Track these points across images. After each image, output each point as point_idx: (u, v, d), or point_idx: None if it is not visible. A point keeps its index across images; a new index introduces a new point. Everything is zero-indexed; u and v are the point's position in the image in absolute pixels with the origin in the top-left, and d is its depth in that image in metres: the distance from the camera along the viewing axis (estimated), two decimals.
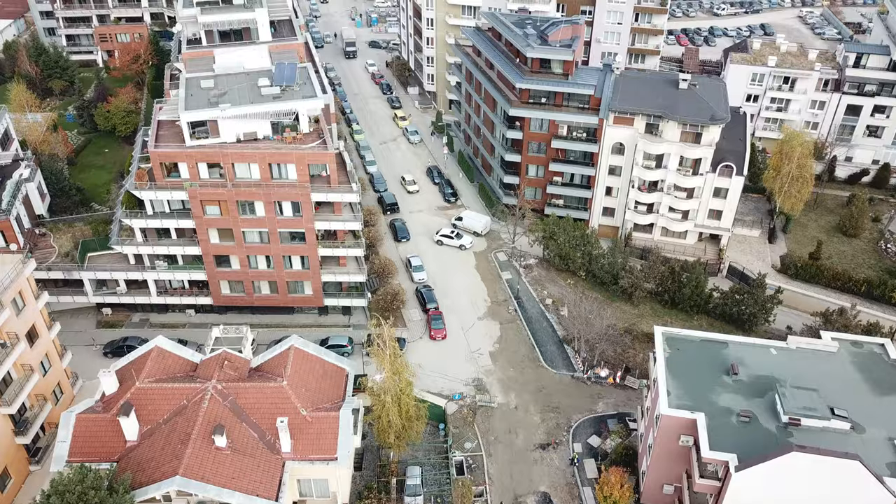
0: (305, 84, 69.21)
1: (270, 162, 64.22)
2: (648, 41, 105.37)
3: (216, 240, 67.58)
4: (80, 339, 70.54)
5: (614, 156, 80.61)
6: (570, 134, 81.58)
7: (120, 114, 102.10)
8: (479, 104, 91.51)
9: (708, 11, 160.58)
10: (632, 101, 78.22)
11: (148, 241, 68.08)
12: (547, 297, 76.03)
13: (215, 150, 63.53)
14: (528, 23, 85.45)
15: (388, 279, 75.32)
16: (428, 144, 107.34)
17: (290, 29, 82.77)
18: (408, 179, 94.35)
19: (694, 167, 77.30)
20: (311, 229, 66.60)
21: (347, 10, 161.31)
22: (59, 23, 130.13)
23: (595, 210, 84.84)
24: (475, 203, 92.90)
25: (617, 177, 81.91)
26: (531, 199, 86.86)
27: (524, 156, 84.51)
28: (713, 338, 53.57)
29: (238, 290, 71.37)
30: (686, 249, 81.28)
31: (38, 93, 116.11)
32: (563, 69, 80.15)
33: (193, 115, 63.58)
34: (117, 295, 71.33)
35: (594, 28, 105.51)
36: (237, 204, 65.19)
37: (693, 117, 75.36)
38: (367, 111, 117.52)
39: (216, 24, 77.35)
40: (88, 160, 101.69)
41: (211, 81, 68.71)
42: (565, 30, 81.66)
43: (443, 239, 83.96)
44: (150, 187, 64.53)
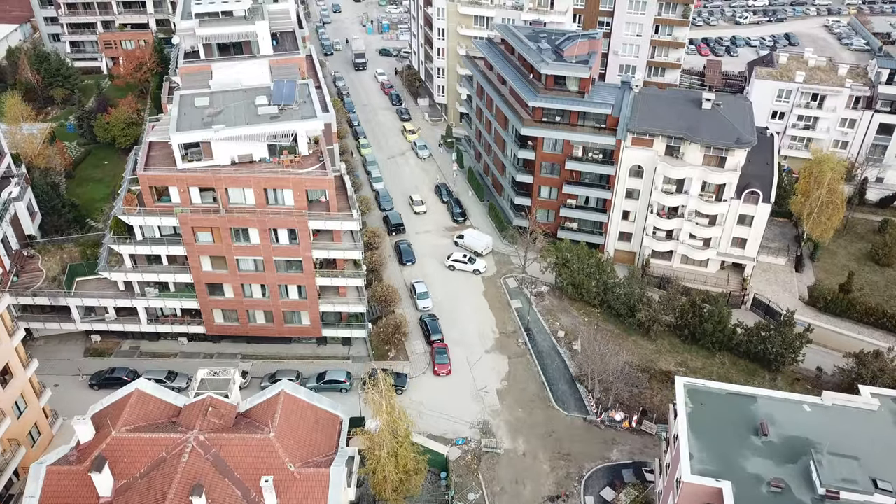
0: (305, 103, 65.39)
1: (266, 187, 60.48)
2: (669, 54, 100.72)
3: (208, 267, 63.97)
4: (66, 368, 67.24)
5: (632, 179, 76.18)
6: (585, 155, 77.25)
7: (119, 125, 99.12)
8: (490, 120, 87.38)
9: (730, 20, 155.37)
10: (651, 122, 73.79)
11: (137, 268, 64.56)
12: (559, 329, 71.74)
13: (207, 175, 59.88)
14: (543, 36, 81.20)
15: (391, 307, 71.32)
16: (437, 159, 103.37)
17: (293, 41, 79.05)
18: (415, 199, 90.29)
19: (717, 193, 72.72)
20: (309, 258, 62.79)
21: (359, 16, 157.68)
22: (63, 29, 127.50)
23: (611, 235, 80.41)
24: (485, 224, 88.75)
25: (634, 200, 77.45)
26: (543, 221, 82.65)
27: (536, 177, 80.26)
28: (740, 391, 49.02)
29: (232, 319, 67.72)
30: (707, 279, 76.65)
31: (39, 101, 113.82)
32: (579, 87, 75.84)
33: (185, 137, 59.98)
34: (106, 322, 67.87)
35: (612, 40, 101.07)
36: (230, 231, 61.54)
37: (717, 140, 70.83)
38: (376, 123, 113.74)
39: (215, 38, 73.81)
40: (87, 173, 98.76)
41: (206, 99, 65.10)
42: (582, 45, 77.31)
43: (455, 264, 79.87)
44: (139, 212, 60.95)
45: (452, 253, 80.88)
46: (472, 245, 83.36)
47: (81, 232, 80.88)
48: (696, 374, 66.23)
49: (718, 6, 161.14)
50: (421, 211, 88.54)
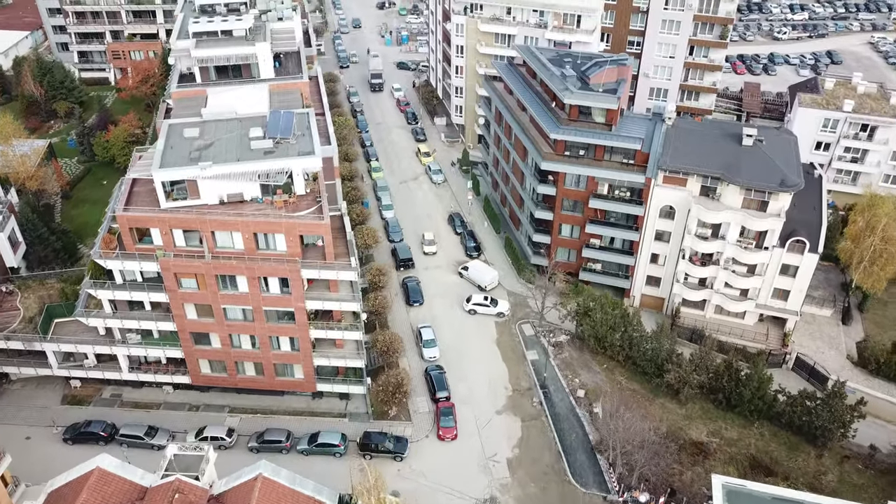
0: (304, 136, 59.58)
1: (256, 231, 54.73)
2: (704, 77, 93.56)
3: (193, 315, 58.42)
4: (41, 417, 62.15)
5: (662, 220, 69.32)
6: (611, 193, 70.54)
7: (119, 144, 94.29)
8: (508, 149, 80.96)
9: (767, 35, 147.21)
10: (685, 158, 66.91)
11: (117, 314, 59.18)
12: (578, 387, 65.10)
13: (192, 217, 54.25)
14: (568, 61, 74.61)
15: (394, 357, 65.21)
16: (452, 185, 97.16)
17: (297, 63, 73.37)
18: (427, 238, 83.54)
19: (758, 240, 65.62)
20: (302, 308, 56.93)
21: (378, 26, 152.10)
22: (71, 38, 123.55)
23: (637, 279, 73.58)
24: (501, 259, 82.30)
25: (665, 244, 70.56)
26: (564, 261, 76.07)
27: (557, 214, 73.68)
28: (789, 497, 42.05)
29: (219, 369, 62.13)
30: (744, 332, 69.50)
31: (41, 115, 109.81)
32: (606, 118, 69.17)
33: (168, 175, 54.48)
34: (85, 369, 62.65)
35: (642, 61, 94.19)
36: (216, 278, 55.89)
37: (759, 181, 63.78)
38: (389, 142, 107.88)
39: (212, 60, 68.39)
40: (84, 194, 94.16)
41: (196, 130, 59.57)
42: (610, 72, 70.61)
43: (477, 308, 73.61)
44: (118, 255, 55.53)
45: (472, 296, 74.48)
46: (476, 279, 77.59)
47: (70, 262, 76.27)
48: (731, 446, 59.42)
49: (755, 20, 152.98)
50: (431, 252, 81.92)
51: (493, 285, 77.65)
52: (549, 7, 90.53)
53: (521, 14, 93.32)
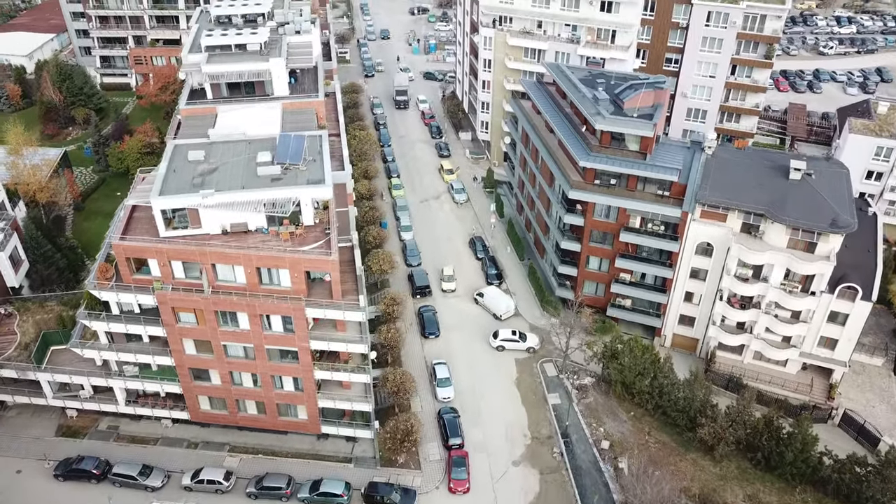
0: (315, 161, 55.82)
1: (259, 266, 50.99)
2: (746, 98, 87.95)
3: (192, 351, 54.97)
4: (34, 449, 59.21)
5: (699, 257, 64.23)
6: (644, 226, 65.62)
7: (134, 155, 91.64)
8: (535, 173, 76.39)
9: (812, 49, 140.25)
10: (726, 192, 61.78)
11: (114, 345, 55.94)
12: (603, 437, 60.30)
13: (191, 249, 50.70)
14: (601, 82, 69.78)
15: (405, 398, 61.06)
16: (475, 205, 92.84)
17: (313, 80, 69.68)
18: (446, 273, 77.77)
19: (804, 284, 60.24)
20: (306, 348, 53.08)
21: (405, 34, 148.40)
22: (94, 42, 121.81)
23: (670, 318, 68.53)
24: (523, 289, 77.75)
25: (701, 282, 65.44)
26: (591, 295, 71.32)
27: (585, 245, 68.93)
28: None
29: (219, 406, 58.62)
30: (786, 381, 64.08)
31: (59, 121, 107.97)
32: (641, 146, 64.29)
33: (167, 202, 51.05)
34: (80, 400, 59.61)
35: (680, 79, 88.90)
36: (216, 313, 52.30)
37: (807, 220, 58.43)
38: (412, 158, 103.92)
39: (223, 76, 64.95)
40: (97, 205, 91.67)
41: (201, 152, 56.12)
42: (646, 95, 65.68)
43: (505, 344, 69.26)
44: (113, 287, 52.23)
45: (499, 331, 70.02)
46: (491, 306, 73.69)
47: (75, 281, 73.51)
48: None
49: (799, 33, 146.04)
50: (450, 289, 76.74)
51: (508, 314, 73.49)
52: (582, 21, 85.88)
53: (552, 28, 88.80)
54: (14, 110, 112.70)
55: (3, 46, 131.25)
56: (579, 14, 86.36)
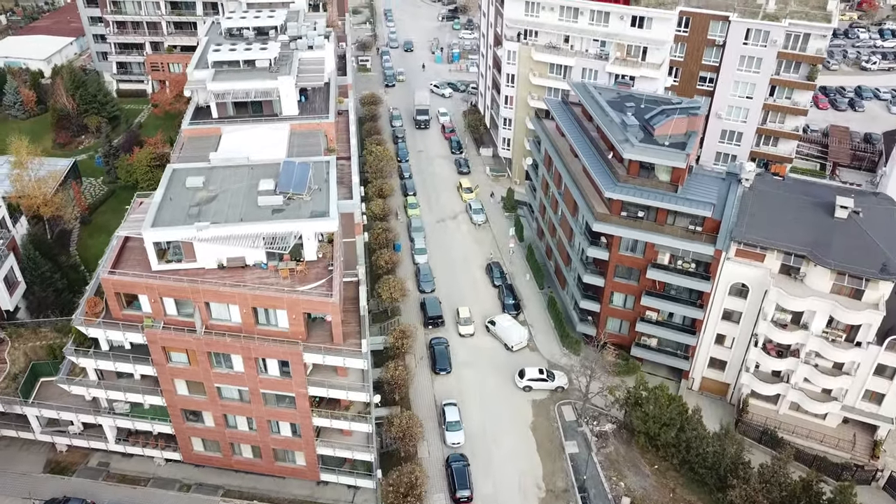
0: (320, 191, 52.12)
1: (255, 306, 47.39)
2: (785, 121, 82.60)
3: (184, 391, 51.60)
4: (20, 486, 56.24)
5: (733, 298, 59.42)
6: (673, 263, 60.96)
7: (143, 168, 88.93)
8: (557, 199, 71.99)
9: (854, 64, 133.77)
10: (764, 229, 56.92)
11: (103, 382, 52.75)
12: (623, 493, 55.78)
13: (184, 286, 47.23)
14: (630, 105, 65.15)
15: (411, 444, 57.06)
16: (493, 226, 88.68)
17: (324, 99, 66.08)
18: (462, 316, 72.19)
19: (849, 333, 55.13)
20: (304, 394, 49.35)
21: (429, 41, 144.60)
22: (111, 48, 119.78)
23: (699, 361, 63.77)
24: (542, 321, 73.43)
25: (734, 325, 60.62)
26: (614, 332, 66.82)
27: (609, 280, 64.41)
28: None
29: (213, 448, 55.20)
30: (825, 436, 59.00)
31: (72, 129, 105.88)
32: (672, 177, 59.65)
33: (160, 235, 47.68)
34: (69, 436, 56.60)
35: (715, 100, 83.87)
36: (209, 355, 48.80)
37: (853, 264, 53.41)
38: (430, 174, 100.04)
39: (229, 94, 61.59)
40: (104, 219, 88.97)
41: (200, 178, 52.70)
42: (679, 122, 61.02)
43: (532, 384, 65.06)
44: (101, 324, 48.98)
45: (524, 370, 65.76)
46: (503, 336, 69.98)
47: (75, 302, 70.65)
48: None
49: (840, 47, 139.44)
50: (467, 333, 71.05)
51: (520, 346, 69.66)
52: (611, 37, 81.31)
53: (579, 43, 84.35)
54: (28, 116, 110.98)
55: (21, 50, 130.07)
56: (609, 29, 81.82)
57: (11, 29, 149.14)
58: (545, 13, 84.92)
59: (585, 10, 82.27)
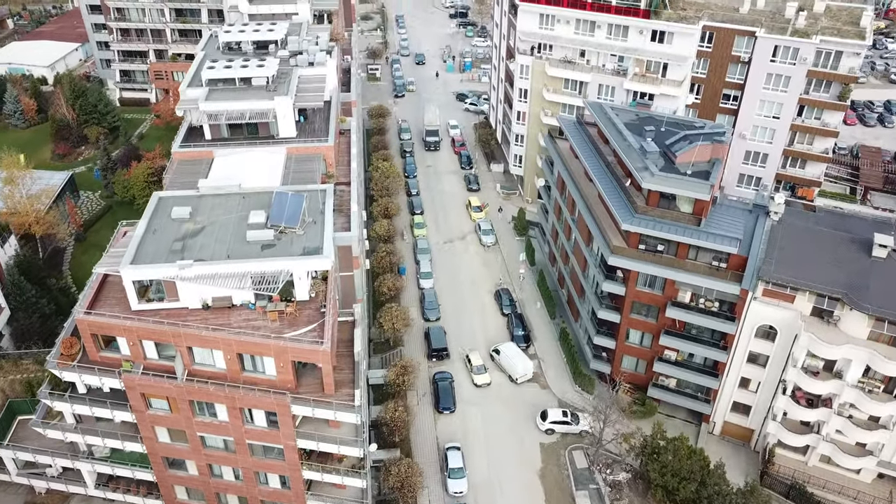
0: (315, 224, 48.43)
1: (240, 352, 43.73)
2: (814, 143, 77.95)
3: (166, 439, 48.01)
4: None
5: (760, 340, 55.09)
6: (695, 301, 56.66)
7: (140, 183, 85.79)
8: (570, 225, 67.88)
9: (883, 77, 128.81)
10: (795, 268, 52.55)
11: (80, 426, 49.29)
12: None
13: (164, 329, 43.65)
14: (650, 129, 60.87)
15: (410, 496, 53.16)
16: (503, 247, 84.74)
17: (324, 121, 62.41)
18: (475, 364, 66.37)
19: (887, 384, 50.64)
20: (293, 447, 45.61)
21: (441, 49, 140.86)
22: (114, 55, 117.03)
23: (721, 404, 59.45)
24: (553, 354, 69.38)
25: (760, 368, 56.29)
26: (630, 371, 62.67)
27: (625, 316, 60.23)
28: None
29: (198, 497, 51.58)
30: (859, 493, 54.50)
31: (72, 140, 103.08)
32: (694, 209, 55.36)
33: (139, 273, 44.15)
34: (46, 479, 53.25)
35: (739, 119, 79.34)
36: (191, 403, 45.21)
37: (894, 309, 48.87)
38: (438, 191, 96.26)
39: (223, 115, 58.02)
40: (100, 236, 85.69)
41: (187, 209, 49.17)
42: (702, 149, 56.72)
43: (554, 427, 60.86)
44: (76, 367, 45.51)
45: (547, 411, 61.49)
46: (506, 366, 66.45)
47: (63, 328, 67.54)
48: None
49: (867, 58, 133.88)
50: (484, 383, 65.26)
51: (525, 378, 66.04)
52: (630, 52, 77.18)
53: (596, 58, 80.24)
54: (28, 126, 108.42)
55: (25, 56, 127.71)
56: (627, 44, 77.71)
57: (18, 33, 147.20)
58: (560, 26, 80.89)
59: (603, 24, 78.20)
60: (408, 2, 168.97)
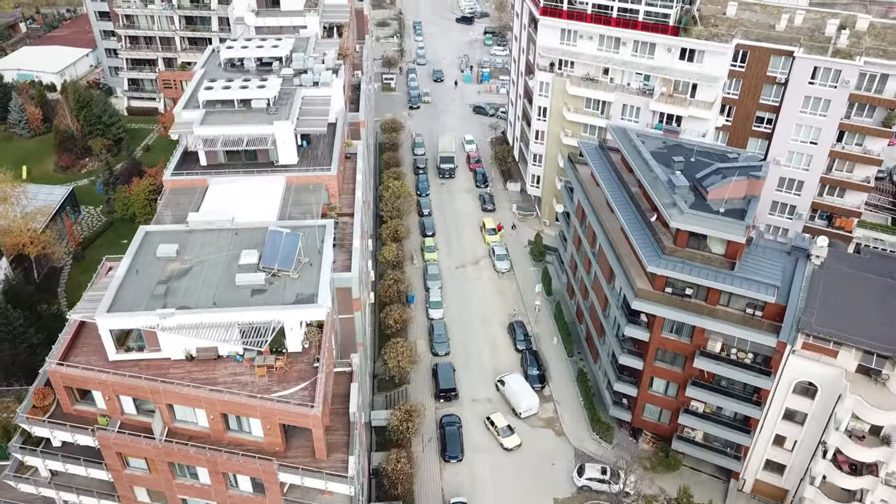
0: (311, 266, 44.36)
1: (224, 412, 39.77)
2: (854, 171, 72.54)
3: (145, 499, 44.19)
4: None
5: (798, 397, 50.17)
6: (726, 351, 51.84)
7: (141, 201, 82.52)
8: (591, 259, 63.28)
9: None
10: (839, 319, 47.63)
11: (56, 479, 45.58)
12: None
13: (142, 384, 39.81)
14: (678, 159, 56.07)
15: None
16: (518, 274, 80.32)
17: (329, 144, 58.40)
18: (499, 425, 60.26)
19: None
20: None
21: (459, 58, 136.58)
22: (123, 63, 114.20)
23: (752, 462, 54.55)
24: (570, 396, 64.93)
25: (797, 425, 51.39)
26: (653, 420, 57.97)
27: (648, 363, 55.55)
28: None
29: None
30: None
31: (76, 151, 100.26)
32: (727, 251, 50.56)
33: (116, 322, 40.32)
34: None
35: (773, 143, 74.08)
36: (171, 464, 41.33)
37: None
38: (451, 210, 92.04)
39: (218, 141, 54.15)
40: (99, 254, 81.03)
41: (174, 247, 45.32)
42: (737, 185, 51.92)
43: (590, 483, 56.17)
44: (47, 423, 41.81)
45: (584, 465, 56.86)
46: (510, 399, 63.04)
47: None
48: None
49: None
50: (514, 446, 59.36)
51: (529, 413, 62.42)
52: (657, 71, 72.49)
53: (620, 76, 75.60)
54: (33, 135, 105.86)
55: (35, 61, 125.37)
56: (654, 62, 72.97)
57: (30, 38, 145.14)
58: (583, 42, 76.28)
59: (628, 41, 73.53)
60: (426, 8, 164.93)
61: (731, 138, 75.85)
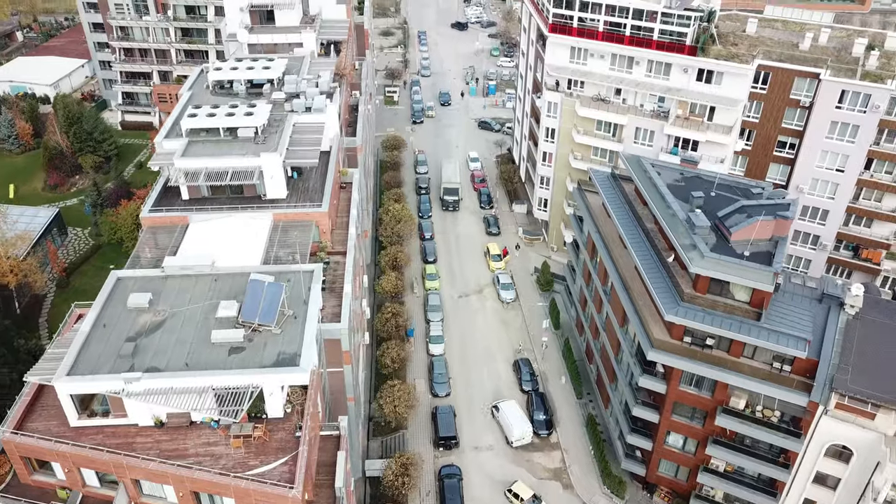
0: (295, 320, 40.29)
1: (195, 490, 35.71)
2: (883, 200, 68.02)
3: None
4: None
5: (830, 460, 45.72)
6: (750, 408, 47.45)
7: (128, 225, 78.61)
8: (602, 297, 58.97)
9: None
10: (877, 378, 43.19)
11: None
12: None
13: (105, 458, 35.83)
14: (698, 194, 51.65)
15: None
16: (524, 305, 76.00)
17: (322, 175, 54.37)
18: (524, 497, 54.20)
19: None
20: None
21: (464, 70, 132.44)
22: (117, 76, 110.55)
23: None
24: (578, 444, 60.58)
25: (829, 490, 46.91)
26: (670, 476, 53.58)
27: (665, 417, 51.20)
28: None
29: None
30: None
31: (66, 169, 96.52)
32: (752, 299, 46.19)
33: (76, 387, 36.37)
34: None
35: (795, 170, 69.67)
36: None
37: None
38: (455, 234, 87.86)
39: (203, 173, 50.17)
40: (84, 282, 78.85)
41: (146, 296, 41.43)
42: (763, 226, 47.55)
43: None
44: (0, 495, 37.88)
45: None
46: (504, 426, 60.44)
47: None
48: None
49: None
50: None
51: (521, 442, 59.44)
52: (672, 93, 68.24)
53: (633, 98, 71.33)
54: (23, 150, 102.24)
55: (29, 73, 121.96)
56: (669, 83, 68.71)
57: (26, 47, 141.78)
58: (594, 61, 72.07)
59: (642, 60, 69.29)
60: (432, 17, 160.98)
61: (750, 163, 71.51)
